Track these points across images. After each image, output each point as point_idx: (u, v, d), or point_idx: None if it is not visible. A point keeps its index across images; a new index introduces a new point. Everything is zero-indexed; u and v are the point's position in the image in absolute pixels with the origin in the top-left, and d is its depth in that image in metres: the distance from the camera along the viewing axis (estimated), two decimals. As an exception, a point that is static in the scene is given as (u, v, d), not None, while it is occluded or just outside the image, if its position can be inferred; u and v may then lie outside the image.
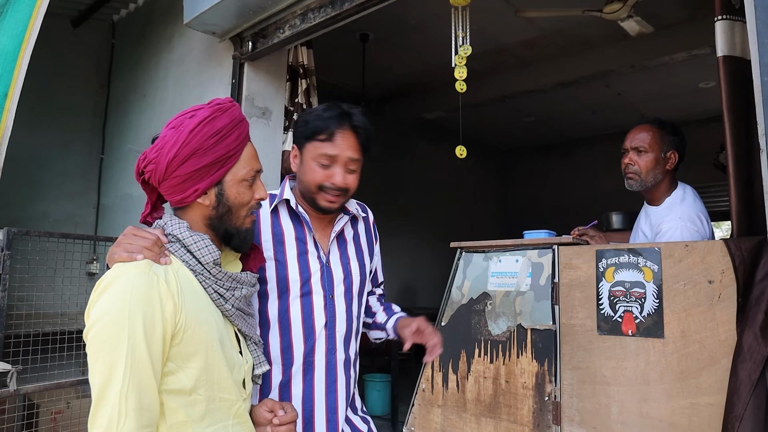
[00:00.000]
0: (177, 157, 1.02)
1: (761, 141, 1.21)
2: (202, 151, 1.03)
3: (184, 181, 1.04)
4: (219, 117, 1.06)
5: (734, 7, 1.62)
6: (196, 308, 1.01)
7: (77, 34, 4.18)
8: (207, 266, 1.05)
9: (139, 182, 1.12)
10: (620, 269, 1.67)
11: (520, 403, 1.81)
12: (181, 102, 3.35)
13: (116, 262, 0.98)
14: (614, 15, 3.23)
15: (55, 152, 4.05)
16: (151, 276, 0.95)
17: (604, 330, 1.67)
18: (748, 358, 1.39)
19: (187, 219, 1.09)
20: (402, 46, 5.12)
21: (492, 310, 1.94)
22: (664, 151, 2.06)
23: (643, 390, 1.58)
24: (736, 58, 1.60)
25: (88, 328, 0.93)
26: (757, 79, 1.22)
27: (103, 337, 0.90)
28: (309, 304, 1.38)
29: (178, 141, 1.02)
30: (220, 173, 1.06)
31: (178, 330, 0.96)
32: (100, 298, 0.93)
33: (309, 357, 1.36)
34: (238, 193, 1.09)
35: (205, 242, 1.06)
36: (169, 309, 0.95)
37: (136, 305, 0.91)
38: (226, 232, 1.11)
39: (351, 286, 1.46)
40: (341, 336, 1.42)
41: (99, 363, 0.90)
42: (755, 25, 1.21)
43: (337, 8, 2.28)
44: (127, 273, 0.94)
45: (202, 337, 0.99)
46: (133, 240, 1.01)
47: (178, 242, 1.05)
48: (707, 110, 6.59)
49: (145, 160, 1.07)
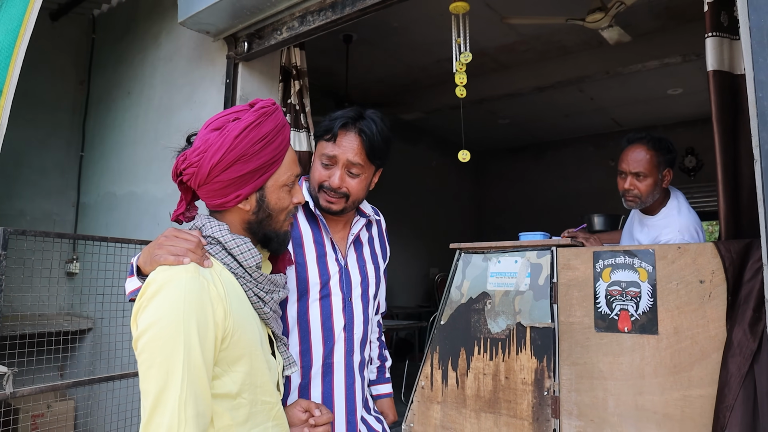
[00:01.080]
0: (221, 163, 1.00)
1: (755, 152, 1.31)
2: (247, 157, 1.01)
3: (226, 186, 1.02)
4: (264, 122, 1.03)
5: (723, 25, 1.73)
6: (241, 312, 1.00)
7: (56, 28, 4.08)
8: (249, 270, 1.05)
9: (175, 182, 1.09)
10: (616, 270, 1.77)
11: (519, 398, 1.89)
12: (169, 100, 3.31)
13: (160, 264, 0.96)
14: (596, 24, 3.35)
15: (32, 148, 3.94)
16: (201, 280, 0.94)
17: (601, 327, 1.76)
18: (738, 353, 1.50)
19: (225, 221, 1.07)
20: (384, 48, 5.18)
21: (491, 309, 2.01)
22: (661, 172, 2.13)
23: (638, 384, 1.68)
24: (725, 72, 1.71)
25: (139, 334, 0.91)
26: (752, 94, 1.32)
27: (159, 344, 0.88)
28: (328, 306, 1.39)
29: (222, 146, 1.00)
30: (262, 179, 1.05)
31: (227, 334, 0.95)
32: (150, 304, 0.91)
33: (328, 359, 1.38)
34: (279, 198, 1.08)
35: (248, 246, 1.05)
36: (219, 314, 0.94)
37: (190, 310, 0.90)
38: (265, 236, 1.10)
39: (367, 289, 1.49)
40: (359, 338, 1.45)
41: (154, 369, 0.88)
42: (750, 45, 1.31)
43: (338, 12, 2.31)
44: (178, 277, 0.93)
45: (246, 341, 0.99)
46: (176, 242, 0.99)
47: (218, 245, 1.04)
48: (675, 116, 6.86)
49: (186, 162, 1.04)
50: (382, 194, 7.18)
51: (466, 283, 2.11)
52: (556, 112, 6.98)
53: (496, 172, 9.04)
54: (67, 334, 3.22)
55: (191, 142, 1.10)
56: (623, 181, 2.15)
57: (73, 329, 3.50)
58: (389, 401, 1.70)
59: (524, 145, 8.62)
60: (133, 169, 3.52)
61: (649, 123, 7.17)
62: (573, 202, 7.51)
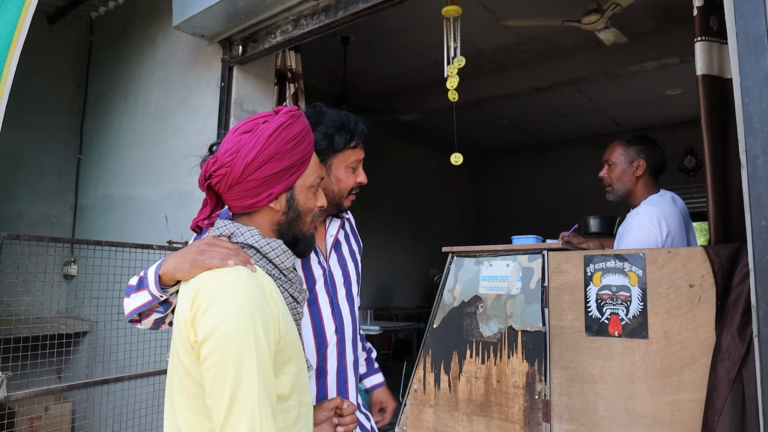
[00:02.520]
0: (255, 160, 1.02)
1: (742, 157, 1.31)
2: (281, 155, 1.03)
3: (259, 185, 1.04)
4: (294, 123, 1.06)
5: (712, 29, 1.73)
6: (287, 314, 1.02)
7: (53, 31, 4.09)
8: (285, 271, 1.06)
9: (202, 188, 1.09)
10: (607, 274, 1.77)
11: (511, 401, 1.89)
12: (165, 103, 3.32)
13: (206, 268, 0.96)
14: (592, 26, 3.35)
15: (30, 151, 3.96)
16: (257, 279, 0.95)
17: (591, 331, 1.77)
18: (727, 357, 1.50)
19: (255, 224, 1.08)
20: (381, 50, 5.18)
21: (483, 312, 2.02)
22: (629, 162, 2.21)
23: (628, 388, 1.68)
24: (714, 76, 1.71)
25: (205, 337, 0.89)
26: (738, 100, 1.32)
27: (229, 344, 0.87)
28: (317, 312, 1.40)
29: (257, 144, 1.02)
30: (293, 178, 1.07)
31: (281, 335, 0.96)
32: (212, 305, 0.90)
33: (322, 363, 1.40)
34: (307, 199, 1.11)
35: (282, 248, 1.06)
36: (275, 313, 0.95)
37: (254, 309, 0.90)
38: (294, 238, 1.11)
39: (350, 288, 1.51)
40: (349, 338, 1.46)
41: (228, 369, 0.87)
42: (737, 50, 1.31)
43: (330, 16, 2.32)
44: (238, 278, 0.93)
45: (294, 342, 1.00)
46: (218, 249, 0.99)
47: (252, 249, 1.05)
48: (673, 116, 6.86)
49: (217, 163, 1.04)
50: (381, 195, 7.21)
51: (458, 286, 2.12)
52: (555, 113, 6.98)
53: (495, 172, 9.04)
54: (64, 336, 3.23)
55: (213, 151, 1.11)
56: (602, 173, 2.32)
57: (70, 332, 3.51)
58: (384, 389, 1.73)
59: (523, 146, 8.63)
60: (130, 172, 3.53)
61: (648, 123, 7.16)
62: (572, 202, 7.51)
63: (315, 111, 1.41)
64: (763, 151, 1.25)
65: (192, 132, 3.02)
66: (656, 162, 2.20)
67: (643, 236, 1.99)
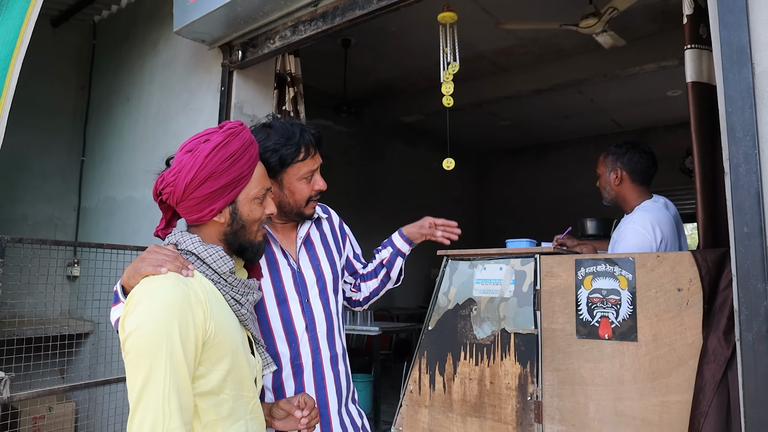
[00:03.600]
0: (194, 181, 1.09)
1: (725, 165, 1.34)
2: (218, 174, 1.10)
3: (200, 202, 1.11)
4: (232, 141, 1.12)
5: (702, 37, 1.75)
6: (222, 315, 1.08)
7: (57, 34, 4.14)
8: (224, 275, 1.13)
9: (156, 202, 1.18)
10: (597, 277, 1.80)
11: (504, 402, 1.92)
12: (167, 106, 3.36)
13: (143, 275, 1.05)
14: (590, 29, 3.38)
15: (33, 153, 4.00)
16: (182, 287, 1.02)
17: (582, 334, 1.80)
18: (713, 360, 1.53)
19: (203, 234, 1.16)
20: (382, 52, 5.21)
21: (477, 315, 2.05)
22: (609, 172, 2.27)
23: (618, 389, 1.71)
24: (703, 83, 1.73)
25: (126, 336, 0.99)
26: (722, 109, 1.35)
27: (143, 344, 0.96)
28: (287, 311, 1.46)
29: (194, 165, 1.09)
30: (234, 193, 1.13)
31: (209, 337, 1.03)
32: (135, 309, 0.99)
33: (296, 360, 1.45)
34: (251, 211, 1.17)
35: (219, 254, 1.13)
36: (199, 317, 1.02)
37: (171, 313, 0.98)
38: (240, 246, 1.18)
39: (325, 287, 1.55)
40: (323, 335, 1.51)
41: (140, 368, 0.96)
42: (721, 60, 1.34)
43: (328, 22, 2.36)
44: (161, 284, 1.01)
45: (228, 341, 1.07)
46: (156, 255, 1.08)
47: (192, 256, 1.13)
48: (675, 117, 6.86)
49: (163, 183, 1.13)
50: (383, 195, 7.23)
51: (453, 289, 2.15)
52: (556, 114, 6.99)
53: (497, 172, 9.06)
54: (66, 337, 3.28)
55: (169, 164, 1.18)
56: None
57: (73, 332, 3.56)
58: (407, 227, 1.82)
59: (525, 146, 8.64)
60: (132, 174, 3.57)
61: (650, 124, 7.17)
62: (573, 202, 7.52)
63: (263, 127, 1.45)
64: (745, 159, 1.28)
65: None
66: (635, 167, 2.21)
67: (639, 242, 2.02)
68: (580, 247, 2.29)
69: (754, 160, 1.27)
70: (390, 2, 2.14)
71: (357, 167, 6.91)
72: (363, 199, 6.86)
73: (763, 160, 1.27)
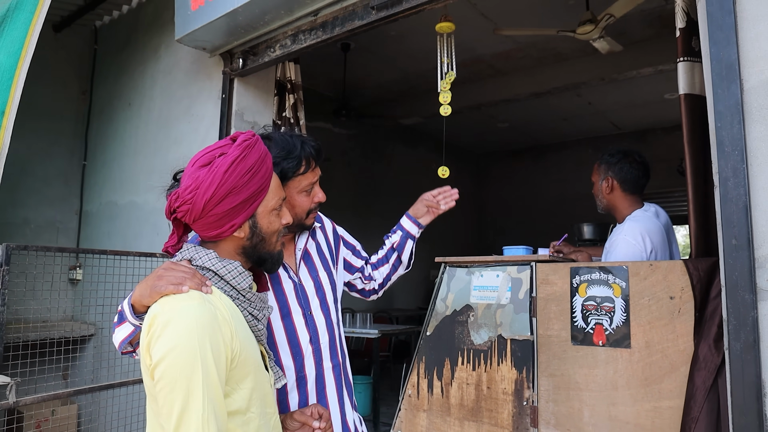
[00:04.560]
0: (214, 197, 1.05)
1: (715, 179, 1.38)
2: (238, 189, 1.07)
3: (220, 218, 1.08)
4: (249, 154, 1.09)
5: (694, 50, 1.79)
6: (244, 333, 1.07)
7: (59, 39, 4.17)
8: (242, 291, 1.12)
9: (169, 219, 1.15)
10: (592, 285, 1.84)
11: (500, 407, 1.96)
12: (168, 112, 3.40)
13: (162, 294, 1.02)
14: (587, 36, 3.41)
15: (35, 157, 4.04)
16: (208, 306, 1.00)
17: (577, 341, 1.83)
18: (704, 367, 1.57)
19: (219, 249, 1.14)
20: (382, 55, 5.25)
21: (474, 321, 2.09)
22: (601, 180, 2.29)
23: (611, 395, 1.75)
24: (696, 96, 1.77)
25: (157, 361, 0.95)
26: (712, 124, 1.38)
27: (178, 368, 0.93)
28: (291, 324, 1.48)
29: (214, 182, 1.05)
30: (253, 207, 1.11)
31: (235, 355, 1.02)
32: (164, 332, 0.95)
33: (300, 372, 1.48)
34: (270, 223, 1.15)
35: (238, 270, 1.11)
36: (227, 336, 1.00)
37: (203, 335, 0.95)
38: (260, 258, 1.17)
39: (325, 297, 1.57)
40: (326, 345, 1.53)
41: (176, 392, 0.93)
42: (710, 76, 1.38)
43: (327, 32, 2.39)
44: (187, 304, 0.98)
45: (251, 359, 1.06)
46: (174, 273, 1.04)
47: (209, 272, 1.10)
48: (672, 119, 6.90)
49: (179, 200, 1.09)
50: (382, 198, 7.26)
51: (450, 295, 2.19)
52: (554, 116, 7.03)
53: (496, 174, 9.09)
54: (70, 340, 3.31)
55: (178, 179, 1.16)
56: None
57: (75, 336, 3.59)
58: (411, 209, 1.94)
59: (524, 148, 8.67)
60: (134, 179, 3.61)
61: (648, 126, 7.21)
62: (572, 204, 7.55)
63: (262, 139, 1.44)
64: (733, 173, 1.32)
65: (194, 141, 3.09)
66: (626, 177, 2.22)
67: (629, 252, 2.05)
68: (576, 255, 2.33)
69: (743, 174, 1.30)
70: (388, 13, 2.18)
71: (356, 169, 6.95)
72: (362, 201, 6.90)
73: (751, 174, 1.31)
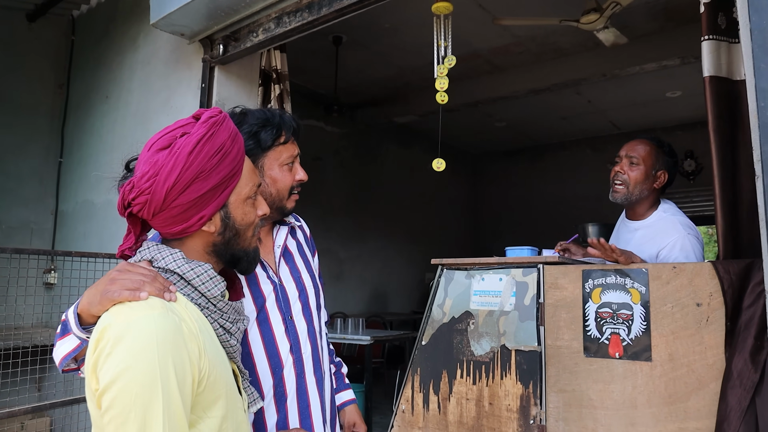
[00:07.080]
0: (177, 184, 0.88)
1: (757, 167, 1.19)
2: (206, 173, 0.90)
3: (186, 210, 0.90)
4: (217, 132, 0.92)
5: (720, 28, 1.60)
6: (213, 349, 0.89)
7: (33, 30, 3.96)
8: (213, 300, 0.93)
9: (122, 215, 0.95)
10: (607, 290, 1.64)
11: (504, 426, 1.76)
12: (146, 105, 3.20)
13: (115, 301, 0.83)
14: (591, 26, 3.24)
15: (9, 155, 3.83)
16: (172, 317, 0.81)
17: (590, 352, 1.64)
18: (738, 384, 1.38)
19: (186, 248, 0.96)
20: (375, 50, 5.06)
21: (475, 329, 1.89)
22: (655, 169, 2.03)
23: (630, 414, 1.55)
24: (722, 78, 1.59)
25: (106, 386, 0.77)
26: (753, 104, 1.19)
27: (132, 395, 0.75)
28: (269, 331, 1.29)
29: (176, 165, 0.88)
30: (225, 195, 0.94)
31: (203, 376, 0.83)
32: (115, 349, 0.77)
33: (279, 387, 1.29)
34: (245, 213, 0.98)
35: (209, 273, 0.93)
36: (194, 353, 0.82)
37: (165, 352, 0.77)
38: (233, 257, 0.99)
39: (308, 301, 1.39)
40: (308, 356, 1.35)
41: (129, 425, 0.75)
42: (751, 49, 1.19)
43: (314, 13, 2.20)
44: (146, 315, 0.80)
45: (221, 380, 0.88)
46: (130, 276, 0.86)
47: (174, 275, 0.92)
48: (673, 118, 6.75)
49: (134, 190, 0.90)
50: (376, 198, 7.07)
51: (448, 301, 1.99)
52: (553, 115, 6.87)
53: (493, 174, 8.93)
54: (41, 349, 3.10)
55: (131, 168, 0.97)
56: (616, 167, 2.05)
57: (50, 343, 3.38)
58: (354, 408, 1.65)
59: (521, 148, 8.51)
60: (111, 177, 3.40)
61: (648, 126, 7.05)
62: (570, 205, 7.41)
63: (237, 113, 1.30)
64: (780, 160, 1.13)
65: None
66: (672, 178, 2.06)
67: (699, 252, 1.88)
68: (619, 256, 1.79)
69: (791, 161, 1.12)
70: (379, -9, 1.99)
71: (349, 169, 6.75)
72: (355, 202, 6.70)
73: (800, 161, 1.12)
